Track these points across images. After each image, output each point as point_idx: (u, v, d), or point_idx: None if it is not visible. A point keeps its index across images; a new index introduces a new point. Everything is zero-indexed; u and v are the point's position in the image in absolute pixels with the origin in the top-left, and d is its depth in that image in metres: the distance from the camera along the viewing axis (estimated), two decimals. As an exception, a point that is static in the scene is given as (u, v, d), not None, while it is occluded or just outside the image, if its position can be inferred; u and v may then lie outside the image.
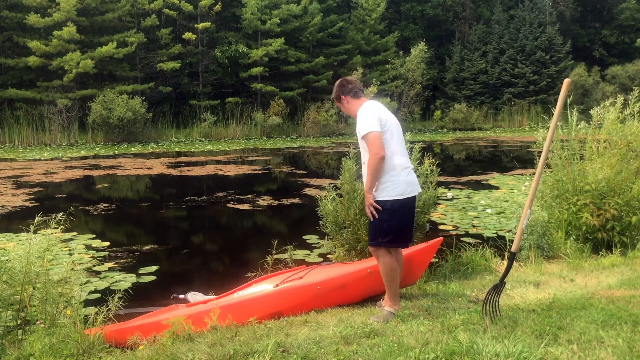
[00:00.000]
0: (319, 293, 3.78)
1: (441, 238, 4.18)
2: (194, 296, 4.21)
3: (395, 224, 3.46)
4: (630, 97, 6.14)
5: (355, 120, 3.58)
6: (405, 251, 3.85)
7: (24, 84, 27.42)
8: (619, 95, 6.19)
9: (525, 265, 5.32)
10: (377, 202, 3.45)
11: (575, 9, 41.25)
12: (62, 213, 3.88)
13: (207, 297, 4.21)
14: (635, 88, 6.43)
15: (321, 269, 4.05)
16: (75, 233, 7.65)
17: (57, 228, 3.65)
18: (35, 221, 3.65)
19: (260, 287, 3.98)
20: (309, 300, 3.76)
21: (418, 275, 4.13)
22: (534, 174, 3.56)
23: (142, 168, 15.88)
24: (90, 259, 6.44)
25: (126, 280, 5.65)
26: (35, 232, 3.75)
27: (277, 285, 3.84)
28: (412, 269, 3.97)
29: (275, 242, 5.20)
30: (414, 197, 3.58)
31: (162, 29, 29.03)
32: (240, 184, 12.95)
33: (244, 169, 15.48)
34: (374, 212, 3.44)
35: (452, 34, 40.65)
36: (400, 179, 3.45)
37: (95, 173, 14.82)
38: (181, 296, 4.28)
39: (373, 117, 3.45)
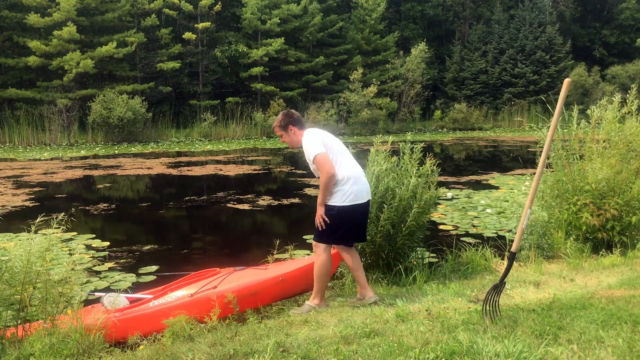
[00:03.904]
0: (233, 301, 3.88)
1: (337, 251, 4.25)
2: (109, 298, 4.05)
3: (339, 226, 3.91)
4: (628, 95, 6.13)
5: (300, 148, 4.11)
6: (308, 260, 4.23)
7: (24, 84, 27.43)
8: (615, 94, 6.18)
9: (525, 265, 5.31)
10: (328, 206, 3.90)
11: (575, 9, 41.26)
12: (63, 213, 3.87)
13: (122, 301, 4.11)
14: (633, 86, 6.42)
15: (236, 275, 4.22)
16: (75, 233, 7.66)
17: (58, 228, 3.65)
18: (37, 221, 3.65)
19: (177, 295, 4.08)
20: (222, 308, 3.82)
21: None
22: (534, 173, 3.56)
23: (142, 168, 15.88)
24: (91, 258, 6.44)
25: (126, 280, 5.66)
26: (35, 232, 3.75)
27: (192, 295, 3.95)
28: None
29: (277, 242, 5.20)
30: (363, 203, 4.00)
31: (162, 29, 29.03)
32: (240, 184, 12.95)
33: (244, 169, 15.48)
34: (322, 223, 3.89)
35: (452, 33, 40.65)
36: (349, 189, 3.90)
37: (95, 173, 14.82)
38: (97, 294, 4.18)
39: (317, 141, 3.92)
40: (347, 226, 3.96)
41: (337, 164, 3.92)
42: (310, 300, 4.03)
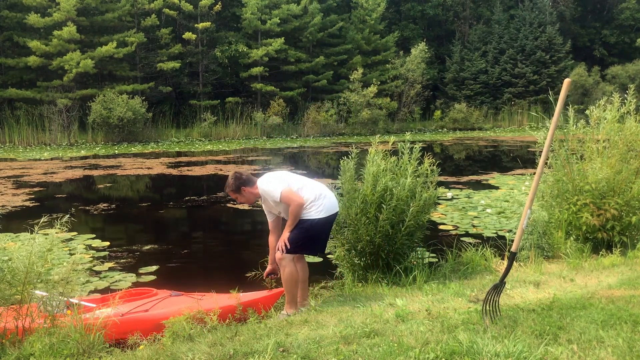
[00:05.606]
0: (161, 326, 3.82)
1: (282, 290, 4.31)
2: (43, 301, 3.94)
3: (311, 238, 4.14)
4: (626, 95, 6.12)
5: (257, 203, 4.31)
6: (253, 295, 4.37)
7: (24, 84, 27.43)
8: (614, 94, 6.17)
9: (525, 265, 5.31)
10: (301, 220, 4.08)
11: (575, 9, 41.24)
12: (66, 215, 3.87)
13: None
14: (631, 86, 6.41)
15: (170, 300, 4.26)
16: (75, 233, 7.66)
17: (60, 229, 3.65)
18: (41, 222, 3.65)
19: (108, 311, 4.05)
20: (151, 329, 3.81)
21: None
22: (534, 173, 3.56)
23: (142, 168, 15.89)
24: (91, 258, 6.45)
25: (126, 280, 5.66)
26: (36, 232, 3.75)
27: (123, 315, 3.96)
28: (258, 310, 4.31)
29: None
30: (334, 214, 4.26)
31: (162, 29, 29.04)
32: (240, 184, 12.93)
33: (244, 169, 15.48)
34: (283, 247, 4.03)
35: (452, 34, 40.62)
36: (321, 203, 4.13)
37: (95, 173, 14.82)
38: (38, 292, 4.10)
39: (275, 182, 4.11)
40: (315, 237, 4.17)
41: (301, 190, 4.11)
42: (285, 310, 4.14)
